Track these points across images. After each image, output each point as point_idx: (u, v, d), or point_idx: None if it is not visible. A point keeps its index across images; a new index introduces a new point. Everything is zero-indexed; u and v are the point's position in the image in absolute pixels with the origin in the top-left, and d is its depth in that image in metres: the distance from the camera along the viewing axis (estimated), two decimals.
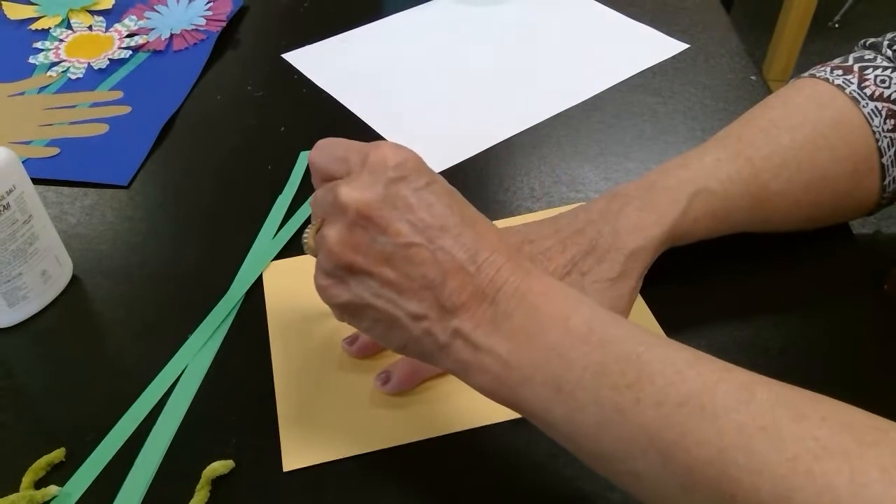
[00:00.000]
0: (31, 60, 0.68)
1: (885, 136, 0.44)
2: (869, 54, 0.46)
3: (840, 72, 0.45)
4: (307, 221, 0.51)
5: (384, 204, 0.31)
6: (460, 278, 0.30)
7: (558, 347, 0.29)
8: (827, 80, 0.45)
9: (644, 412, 0.27)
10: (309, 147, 0.56)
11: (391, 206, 0.31)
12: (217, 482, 0.37)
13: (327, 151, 0.34)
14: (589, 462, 0.30)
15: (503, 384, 0.30)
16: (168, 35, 0.71)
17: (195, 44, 0.70)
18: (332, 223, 0.32)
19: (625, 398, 0.28)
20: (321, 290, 0.34)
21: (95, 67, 0.67)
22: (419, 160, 0.32)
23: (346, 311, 0.33)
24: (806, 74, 0.47)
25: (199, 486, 0.36)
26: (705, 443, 0.26)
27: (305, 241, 0.35)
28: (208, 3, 0.74)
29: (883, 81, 0.44)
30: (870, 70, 0.45)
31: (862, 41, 0.49)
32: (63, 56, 0.69)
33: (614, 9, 0.73)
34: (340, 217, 0.31)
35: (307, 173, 0.55)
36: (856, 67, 0.45)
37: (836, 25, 2.02)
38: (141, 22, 0.72)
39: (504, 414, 0.39)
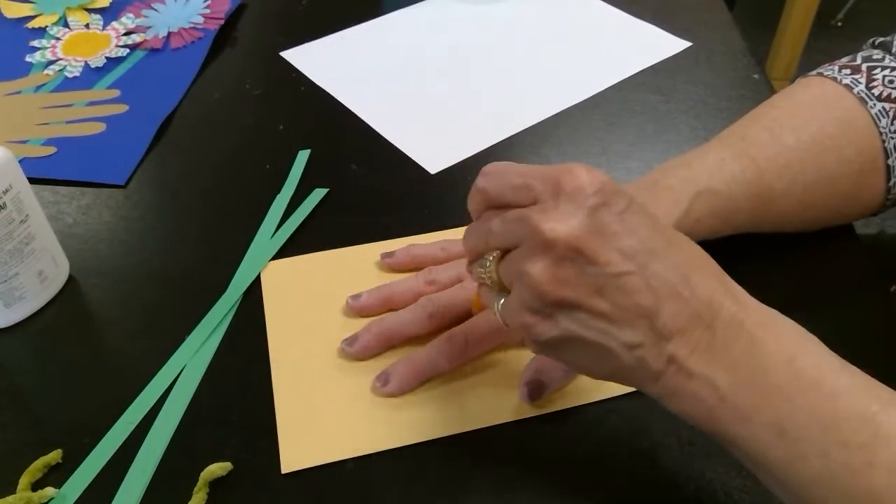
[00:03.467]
0: (28, 59, 0.68)
1: (892, 138, 0.43)
2: (877, 54, 0.46)
3: (848, 71, 0.45)
4: (306, 221, 0.51)
5: (591, 233, 0.29)
6: (675, 303, 0.29)
7: (785, 389, 0.28)
8: (835, 79, 0.45)
9: (876, 476, 0.26)
10: (307, 146, 0.57)
11: (598, 235, 0.29)
12: (215, 484, 0.37)
13: (501, 178, 0.32)
14: None
15: (716, 418, 0.29)
16: (166, 33, 0.70)
17: (193, 42, 0.69)
18: (535, 258, 0.29)
19: (856, 458, 0.27)
20: (526, 327, 0.31)
21: (92, 66, 0.67)
22: (614, 182, 0.30)
23: (551, 346, 0.31)
24: (813, 73, 0.47)
25: (196, 489, 0.36)
26: None
27: (489, 273, 0.32)
28: (206, 0, 0.74)
29: (891, 82, 0.44)
30: (878, 70, 0.44)
31: (871, 40, 0.48)
32: (60, 54, 0.68)
33: (616, 6, 0.72)
34: (545, 252, 0.29)
35: (306, 172, 0.55)
36: (864, 67, 0.45)
37: (839, 24, 2.02)
38: (138, 20, 0.72)
39: (505, 415, 0.39)
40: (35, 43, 0.70)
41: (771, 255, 0.46)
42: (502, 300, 0.32)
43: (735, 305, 0.30)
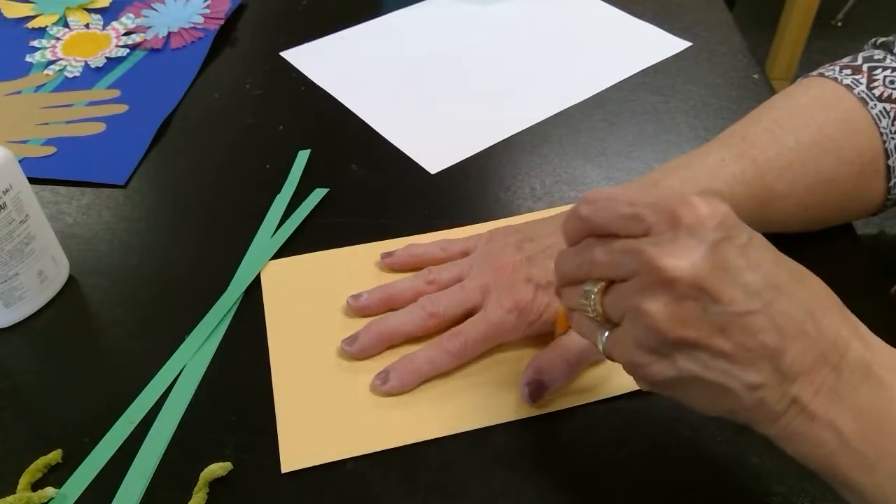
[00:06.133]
0: (28, 59, 0.68)
1: (893, 138, 0.43)
2: (878, 54, 0.46)
3: (849, 71, 0.45)
4: (306, 221, 0.51)
5: (714, 270, 0.27)
6: (802, 342, 0.28)
7: None
8: (836, 79, 0.45)
9: None
10: (307, 146, 0.57)
11: (722, 271, 0.27)
12: (215, 484, 0.37)
13: (606, 207, 0.30)
14: None
15: (835, 463, 0.28)
16: (166, 33, 0.70)
17: (193, 42, 0.69)
18: (653, 295, 0.28)
19: None
20: (640, 367, 0.29)
21: (92, 66, 0.67)
22: (733, 213, 0.29)
23: (666, 385, 0.30)
24: (814, 73, 0.47)
25: (196, 489, 0.36)
26: None
27: (593, 306, 0.31)
28: (206, 0, 0.74)
29: (892, 82, 0.44)
30: (879, 70, 0.44)
31: (872, 40, 0.48)
32: (60, 54, 0.68)
33: (616, 6, 0.72)
34: (665, 289, 0.28)
35: (305, 172, 0.55)
36: (865, 67, 0.45)
37: (839, 24, 2.02)
38: (138, 20, 0.72)
39: (505, 415, 0.39)
40: (35, 43, 0.70)
41: None
42: (606, 333, 0.31)
43: (862, 346, 0.28)
